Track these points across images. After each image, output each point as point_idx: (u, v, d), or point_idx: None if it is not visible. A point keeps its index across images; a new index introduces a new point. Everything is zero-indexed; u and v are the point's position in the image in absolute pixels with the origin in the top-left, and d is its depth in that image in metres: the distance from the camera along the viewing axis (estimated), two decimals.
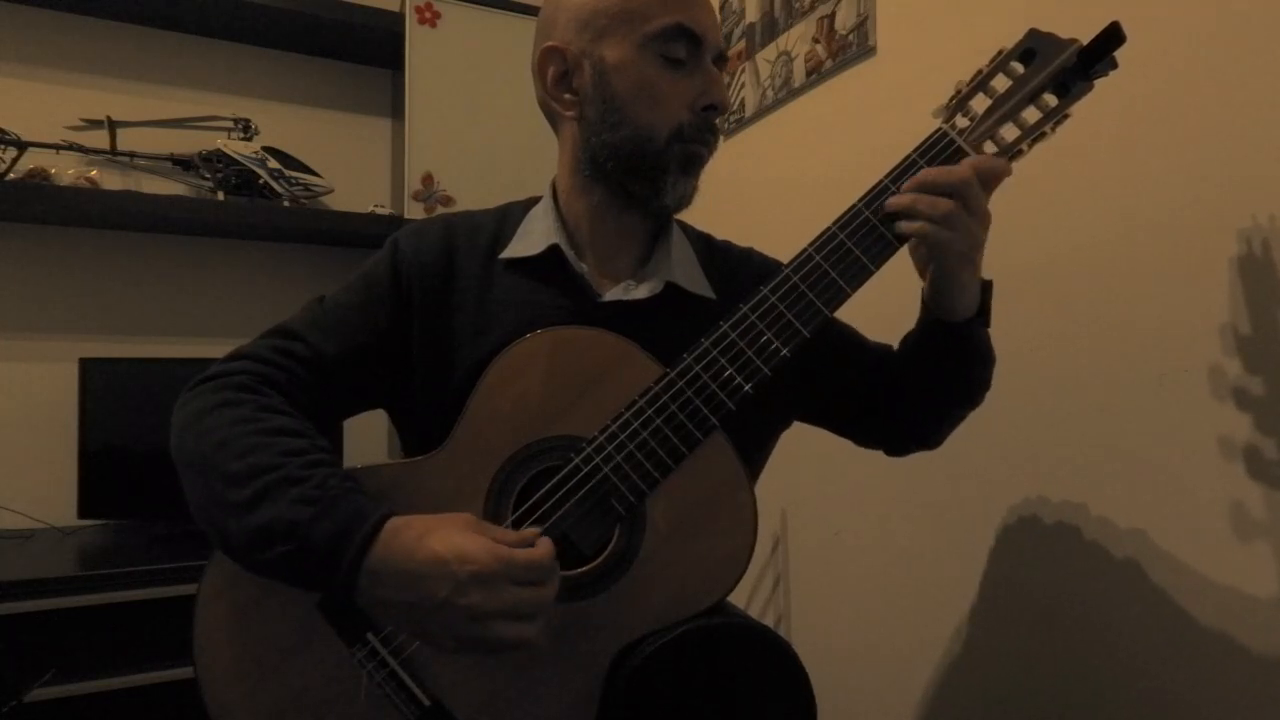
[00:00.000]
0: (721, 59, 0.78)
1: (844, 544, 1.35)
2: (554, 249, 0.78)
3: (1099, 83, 0.70)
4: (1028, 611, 1.01)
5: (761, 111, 1.57)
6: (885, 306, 1.21)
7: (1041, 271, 1.00)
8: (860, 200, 0.69)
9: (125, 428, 1.70)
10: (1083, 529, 0.94)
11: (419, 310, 0.78)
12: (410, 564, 0.61)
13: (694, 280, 0.82)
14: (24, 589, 1.31)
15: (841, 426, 0.94)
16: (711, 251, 0.88)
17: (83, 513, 1.68)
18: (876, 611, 1.27)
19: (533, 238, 0.80)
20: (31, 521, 1.72)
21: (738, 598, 1.57)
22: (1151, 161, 0.88)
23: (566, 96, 0.78)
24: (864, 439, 0.94)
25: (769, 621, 1.53)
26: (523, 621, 0.61)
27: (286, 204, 1.89)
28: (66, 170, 1.74)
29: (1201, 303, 0.82)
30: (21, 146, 1.66)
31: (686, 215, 0.93)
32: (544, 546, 0.63)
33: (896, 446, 0.92)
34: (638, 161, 0.76)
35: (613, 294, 0.78)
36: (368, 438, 2.00)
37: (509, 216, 0.84)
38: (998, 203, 1.01)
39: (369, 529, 0.62)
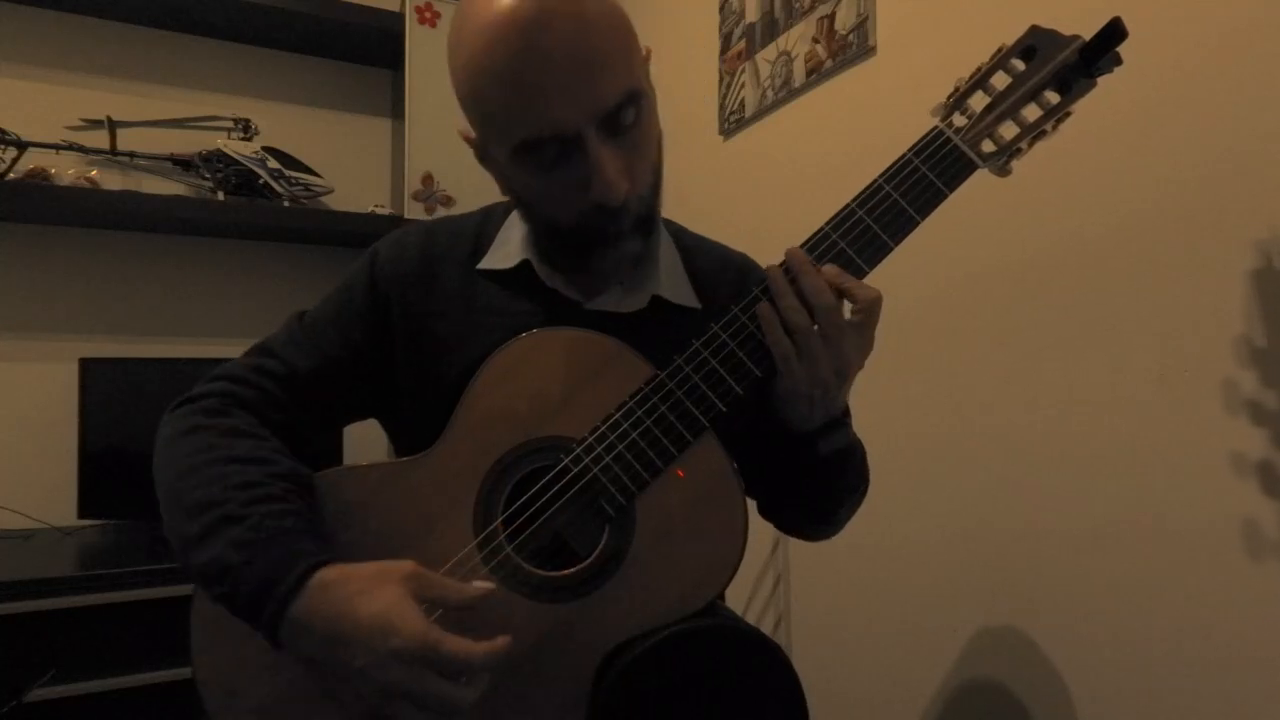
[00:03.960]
0: (617, 113, 0.64)
1: (844, 544, 1.34)
2: (527, 264, 0.77)
3: (1101, 79, 0.69)
4: (1027, 614, 1.01)
5: (761, 111, 1.56)
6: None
7: (1041, 270, 0.99)
8: (853, 200, 0.69)
9: (125, 428, 1.71)
10: (1084, 530, 0.94)
11: (399, 321, 0.77)
12: (332, 626, 0.59)
13: (679, 291, 0.80)
14: (24, 589, 1.31)
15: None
16: (685, 253, 0.84)
17: (83, 513, 1.69)
18: (876, 611, 1.27)
19: (508, 248, 0.78)
20: (31, 521, 1.73)
21: (738, 598, 1.57)
22: (1153, 159, 0.87)
23: (491, 171, 0.75)
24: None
25: (769, 621, 1.52)
26: (430, 713, 0.58)
27: (286, 204, 1.89)
28: (66, 170, 1.74)
29: (1203, 302, 0.81)
30: (21, 146, 1.67)
31: (684, 215, 0.93)
32: (489, 646, 0.58)
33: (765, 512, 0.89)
34: (560, 242, 0.73)
35: (596, 304, 0.77)
36: (368, 438, 1.99)
37: (490, 219, 0.83)
38: (998, 197, 1.02)
39: (294, 580, 0.60)
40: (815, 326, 0.66)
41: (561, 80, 0.62)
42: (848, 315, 0.67)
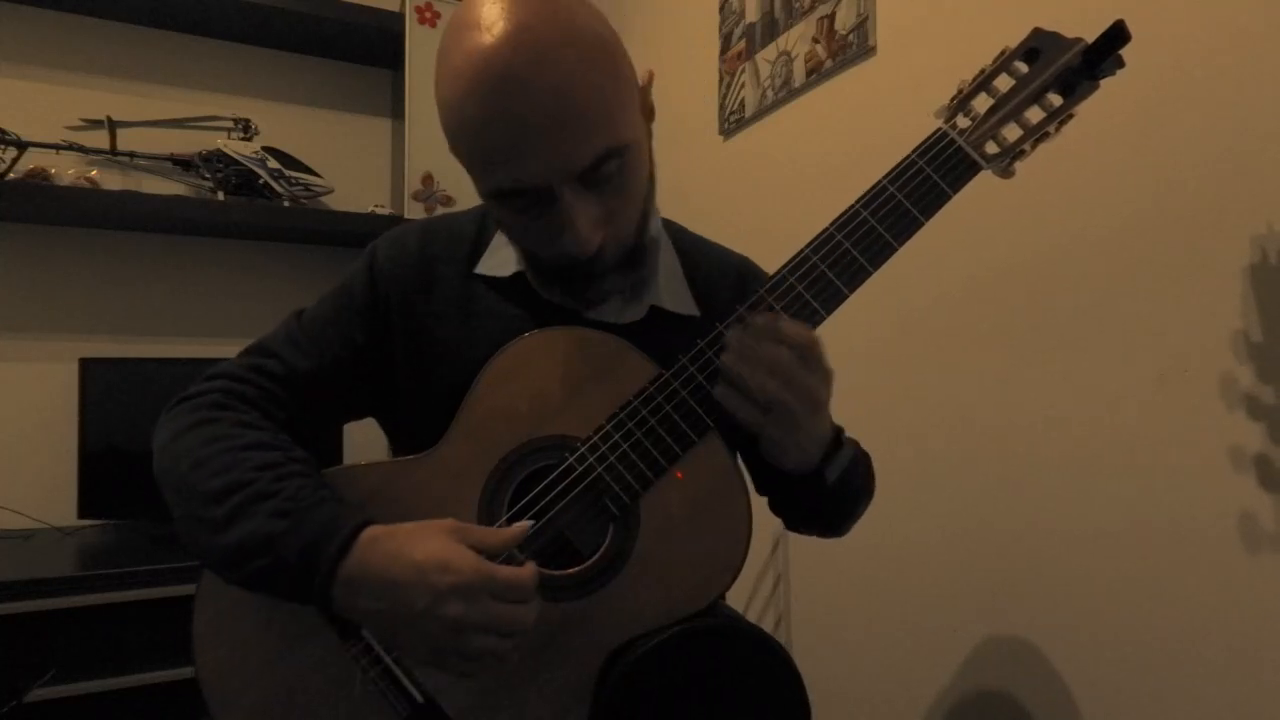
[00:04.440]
0: (596, 167, 0.62)
1: (844, 544, 1.34)
2: (522, 275, 0.77)
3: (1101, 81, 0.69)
4: (1028, 613, 1.01)
5: (761, 111, 1.57)
6: (884, 307, 1.21)
7: (1041, 271, 1.00)
8: (858, 201, 0.69)
9: (125, 428, 1.71)
10: (1085, 530, 0.94)
11: (398, 321, 0.77)
12: (389, 573, 0.60)
13: (678, 300, 0.79)
14: (24, 589, 1.31)
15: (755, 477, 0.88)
16: (684, 256, 0.83)
17: (83, 513, 1.69)
18: (876, 611, 1.27)
19: (504, 254, 0.78)
20: (31, 521, 1.72)
21: (738, 597, 1.57)
22: (1152, 160, 0.87)
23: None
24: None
25: (769, 621, 1.52)
26: (500, 637, 0.61)
27: (286, 204, 1.89)
28: (66, 170, 1.74)
29: (1203, 302, 0.82)
30: (21, 146, 1.66)
31: (684, 215, 0.93)
32: (528, 568, 0.63)
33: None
34: (544, 274, 0.73)
35: (594, 314, 0.76)
36: (368, 438, 1.99)
37: (490, 218, 0.82)
38: (998, 198, 1.02)
39: (343, 538, 0.62)
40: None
41: (533, 142, 0.60)
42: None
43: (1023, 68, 0.70)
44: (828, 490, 0.74)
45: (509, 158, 0.61)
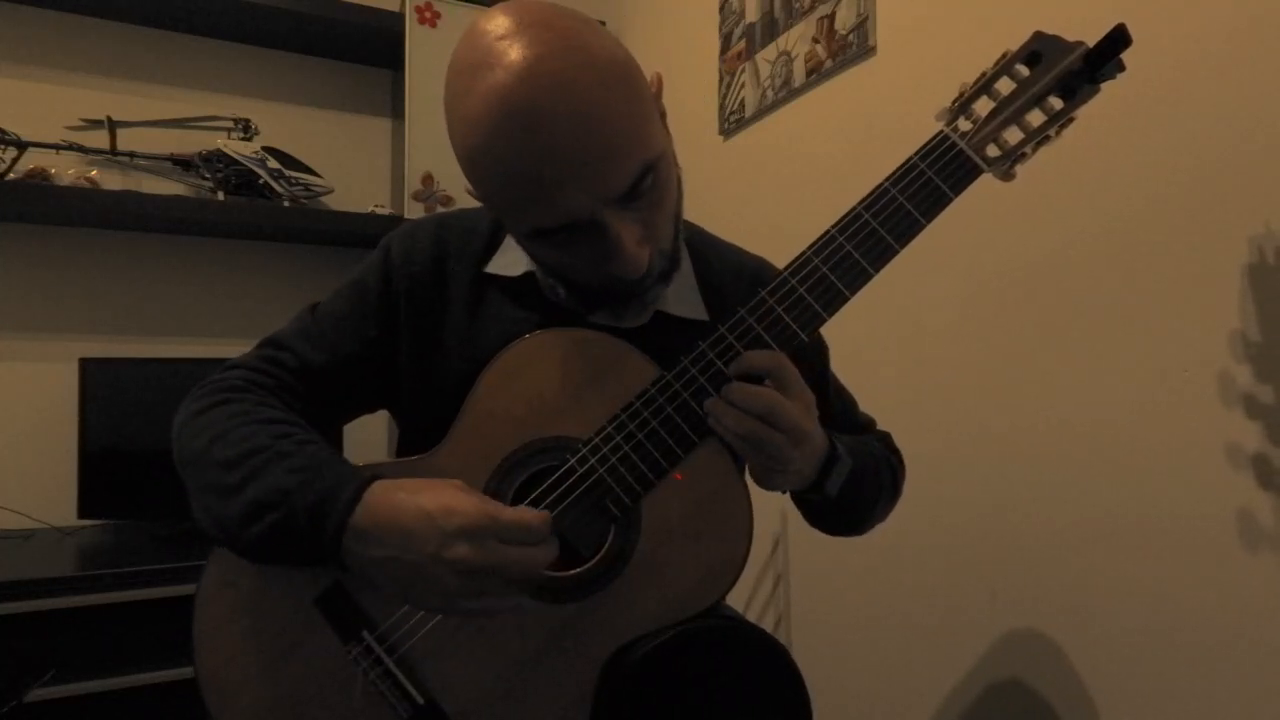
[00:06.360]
0: (637, 186, 0.62)
1: (843, 544, 1.34)
2: (531, 275, 0.77)
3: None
4: (1027, 614, 1.01)
5: (761, 111, 1.57)
6: (884, 309, 1.21)
7: (1041, 269, 1.00)
8: (860, 203, 0.69)
9: (125, 428, 1.70)
10: (1084, 530, 0.94)
11: (408, 317, 0.77)
12: (398, 521, 0.61)
13: (686, 305, 0.79)
14: (24, 589, 1.31)
15: None
16: (698, 258, 0.83)
17: (83, 513, 1.69)
18: (876, 611, 1.27)
19: (515, 253, 0.78)
20: (31, 521, 1.73)
21: (738, 598, 1.57)
22: (1151, 159, 0.87)
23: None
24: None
25: (769, 621, 1.53)
26: (511, 583, 0.61)
27: (286, 204, 1.88)
28: (66, 170, 1.74)
29: (1202, 302, 0.82)
30: (21, 146, 1.66)
31: (685, 216, 0.93)
32: (539, 512, 0.62)
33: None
34: (586, 297, 0.73)
35: (598, 317, 0.75)
36: (368, 438, 2.00)
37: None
38: (995, 199, 1.02)
39: (355, 488, 0.62)
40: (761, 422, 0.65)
41: (570, 173, 0.59)
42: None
43: (1024, 71, 0.70)
44: (832, 502, 0.74)
45: (547, 194, 0.60)
